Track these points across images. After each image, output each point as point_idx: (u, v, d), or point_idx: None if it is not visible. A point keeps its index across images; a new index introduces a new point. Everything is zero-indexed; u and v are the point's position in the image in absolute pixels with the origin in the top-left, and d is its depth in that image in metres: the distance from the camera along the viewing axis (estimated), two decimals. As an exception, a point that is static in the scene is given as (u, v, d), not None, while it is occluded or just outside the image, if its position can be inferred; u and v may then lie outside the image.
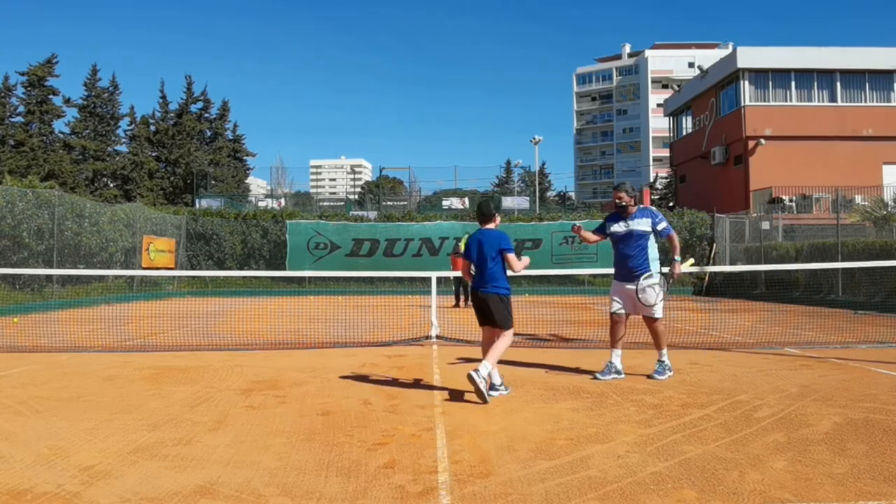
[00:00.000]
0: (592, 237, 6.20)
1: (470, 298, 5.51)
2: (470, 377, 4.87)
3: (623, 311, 6.10)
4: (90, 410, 4.79)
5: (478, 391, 4.88)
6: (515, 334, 5.44)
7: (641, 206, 6.20)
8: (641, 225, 6.00)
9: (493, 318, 5.25)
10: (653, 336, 6.10)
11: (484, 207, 5.46)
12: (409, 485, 3.17)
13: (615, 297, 6.15)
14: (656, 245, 6.14)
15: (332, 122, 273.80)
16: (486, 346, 5.34)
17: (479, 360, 4.90)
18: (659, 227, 6.04)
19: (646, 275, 5.94)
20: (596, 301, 17.12)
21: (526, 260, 5.49)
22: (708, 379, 5.92)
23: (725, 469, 3.37)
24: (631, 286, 5.99)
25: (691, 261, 6.68)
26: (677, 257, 6.20)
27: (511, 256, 5.25)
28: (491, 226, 5.40)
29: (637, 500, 2.96)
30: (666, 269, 6.23)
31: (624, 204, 6.06)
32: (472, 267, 5.42)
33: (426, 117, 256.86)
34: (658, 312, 5.98)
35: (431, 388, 5.60)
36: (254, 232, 24.97)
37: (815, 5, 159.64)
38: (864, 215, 20.40)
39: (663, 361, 6.03)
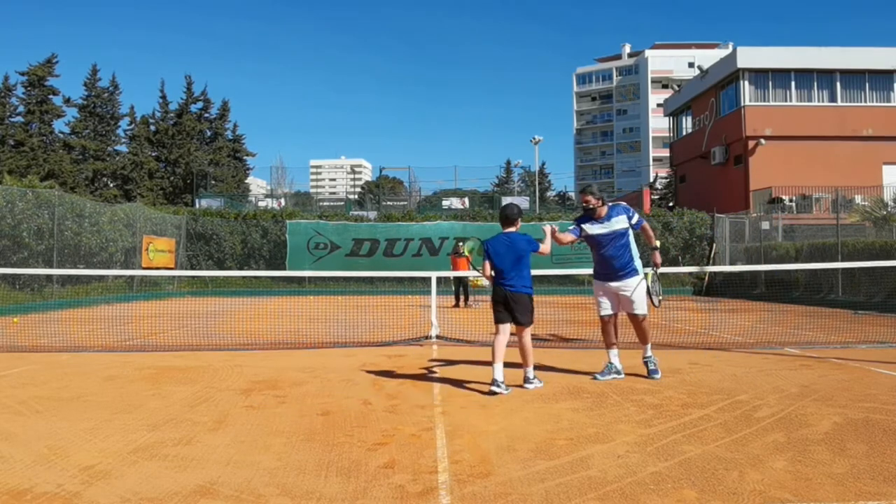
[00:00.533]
0: (566, 238, 6.10)
1: (492, 297, 5.71)
2: (525, 387, 5.44)
3: (612, 312, 6.10)
4: (90, 410, 4.79)
5: (535, 388, 5.46)
6: (512, 334, 5.68)
7: (610, 203, 6.19)
8: (620, 223, 5.99)
9: (518, 315, 5.50)
10: (639, 333, 6.10)
11: (509, 211, 5.76)
12: (409, 485, 3.17)
13: (601, 299, 6.13)
14: (635, 240, 6.16)
15: (332, 122, 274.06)
16: (500, 346, 5.46)
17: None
18: (633, 221, 6.05)
19: (641, 278, 5.96)
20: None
21: (548, 239, 5.77)
22: (708, 379, 5.92)
23: (725, 469, 3.37)
24: (614, 284, 5.99)
25: (658, 243, 6.73)
26: (655, 246, 6.23)
27: (542, 248, 5.66)
28: (513, 229, 5.66)
29: (637, 500, 2.96)
30: (649, 270, 6.23)
31: (591, 207, 6.03)
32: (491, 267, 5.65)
33: (426, 117, 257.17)
34: (645, 309, 5.98)
35: (431, 388, 5.60)
36: (254, 232, 24.97)
37: (815, 5, 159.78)
38: (864, 215, 20.39)
39: (651, 356, 6.05)
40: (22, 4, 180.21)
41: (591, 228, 6.06)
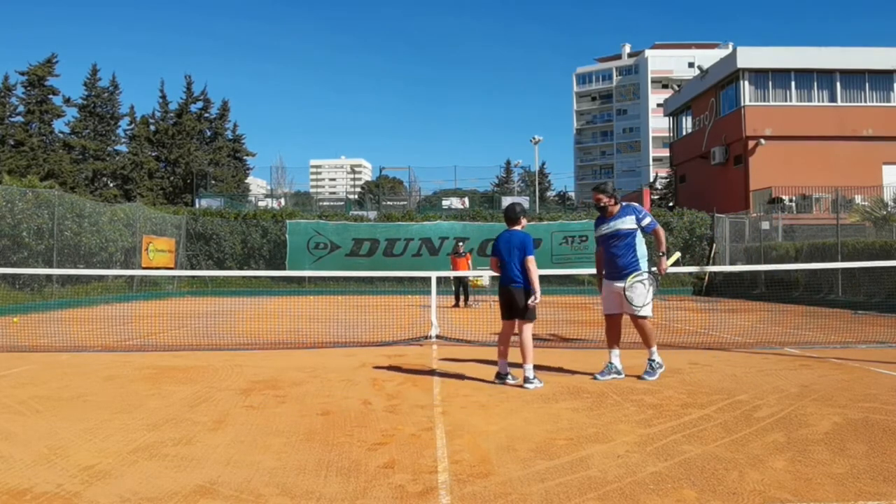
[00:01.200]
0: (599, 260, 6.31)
1: (498, 293, 5.89)
2: (525, 387, 5.45)
3: (615, 311, 6.09)
4: (90, 410, 4.79)
5: (535, 388, 5.45)
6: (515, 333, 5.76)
7: (624, 203, 6.17)
8: (626, 223, 5.98)
9: (518, 310, 5.66)
10: (640, 334, 6.08)
11: (510, 211, 5.91)
12: (408, 485, 3.17)
13: (606, 298, 6.15)
14: (644, 242, 6.13)
15: (332, 122, 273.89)
16: (504, 339, 5.74)
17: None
18: (643, 223, 6.01)
19: (634, 273, 5.92)
20: (596, 301, 17.06)
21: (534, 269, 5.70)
22: (708, 379, 5.92)
23: (725, 469, 3.37)
24: (619, 284, 5.98)
25: (677, 255, 6.64)
26: (662, 252, 6.13)
27: (529, 260, 5.64)
28: (517, 227, 5.83)
29: (637, 500, 2.96)
30: (654, 269, 6.21)
31: (603, 205, 6.04)
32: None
33: (426, 117, 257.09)
34: (644, 311, 5.92)
35: (431, 388, 5.60)
36: (254, 232, 24.97)
37: (815, 5, 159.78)
38: (863, 215, 20.39)
39: (653, 360, 6.00)
40: (22, 4, 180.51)
41: (599, 230, 6.16)
